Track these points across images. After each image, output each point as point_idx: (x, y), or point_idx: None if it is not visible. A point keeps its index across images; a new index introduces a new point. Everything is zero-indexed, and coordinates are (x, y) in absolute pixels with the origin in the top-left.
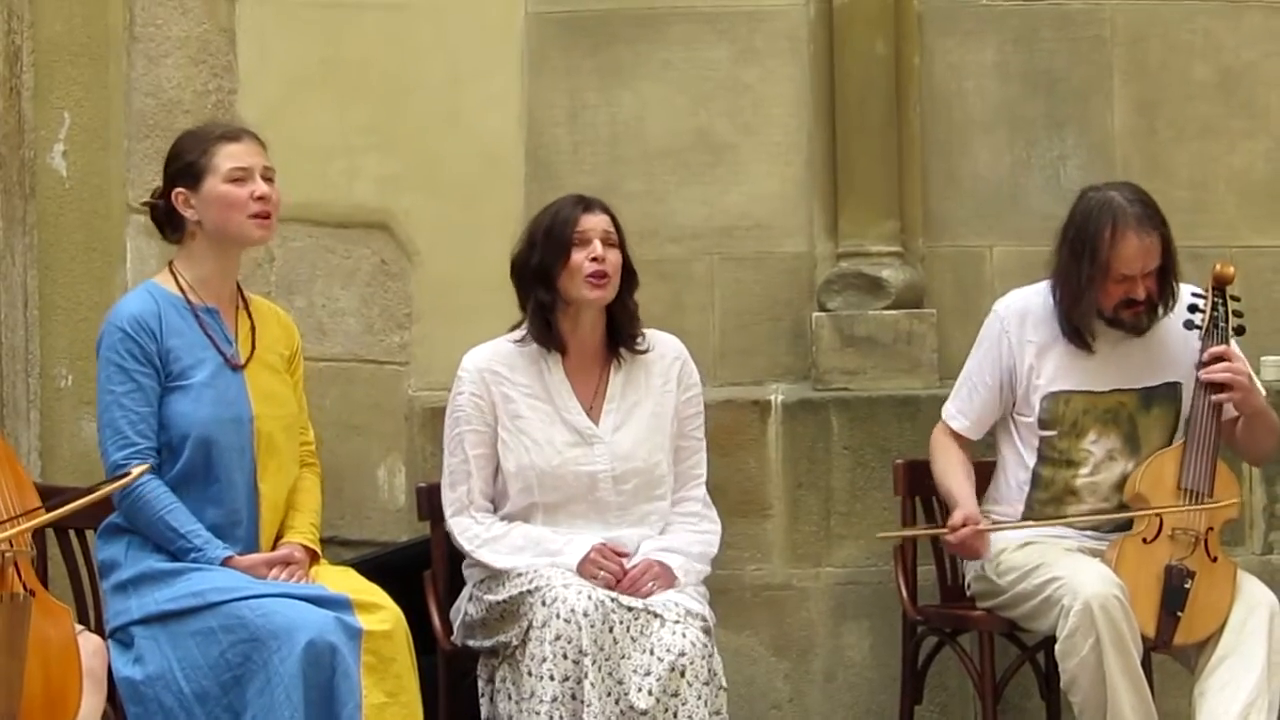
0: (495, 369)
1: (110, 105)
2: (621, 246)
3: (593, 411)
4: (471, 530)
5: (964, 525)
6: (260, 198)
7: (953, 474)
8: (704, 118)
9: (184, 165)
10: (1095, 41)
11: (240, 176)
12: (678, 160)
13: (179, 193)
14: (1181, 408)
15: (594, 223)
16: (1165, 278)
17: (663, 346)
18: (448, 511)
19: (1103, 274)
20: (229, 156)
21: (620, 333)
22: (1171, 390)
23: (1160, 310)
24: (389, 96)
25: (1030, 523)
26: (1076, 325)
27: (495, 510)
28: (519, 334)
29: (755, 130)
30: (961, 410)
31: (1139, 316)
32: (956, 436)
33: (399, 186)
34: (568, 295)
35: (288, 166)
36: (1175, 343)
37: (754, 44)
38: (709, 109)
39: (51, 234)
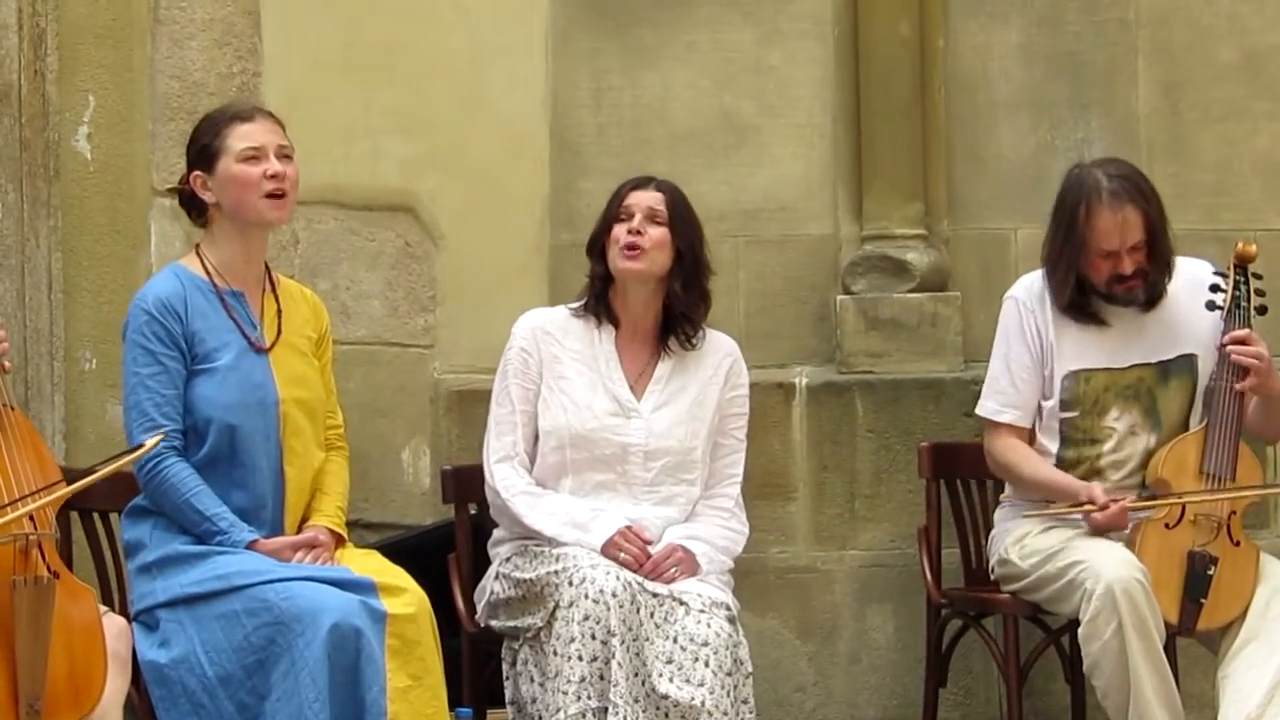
0: (548, 329)
1: (135, 88)
2: (679, 228)
3: (636, 388)
4: (511, 479)
5: (1109, 502)
6: (273, 176)
7: (1045, 466)
8: (728, 100)
9: (199, 148)
10: (1120, 24)
11: (253, 155)
12: (702, 143)
13: (196, 176)
14: (1198, 379)
15: (640, 198)
16: (1154, 251)
17: (717, 342)
18: (491, 458)
19: (1083, 250)
20: (241, 136)
21: (674, 320)
22: (1188, 362)
23: (1160, 282)
24: (413, 79)
25: (1155, 502)
26: (1068, 301)
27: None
28: (578, 303)
29: (780, 113)
30: (1010, 403)
31: (1133, 291)
32: (1014, 431)
33: (423, 169)
34: (610, 267)
35: (312, 149)
36: (1187, 315)
37: (779, 26)
38: (734, 91)
39: (76, 217)
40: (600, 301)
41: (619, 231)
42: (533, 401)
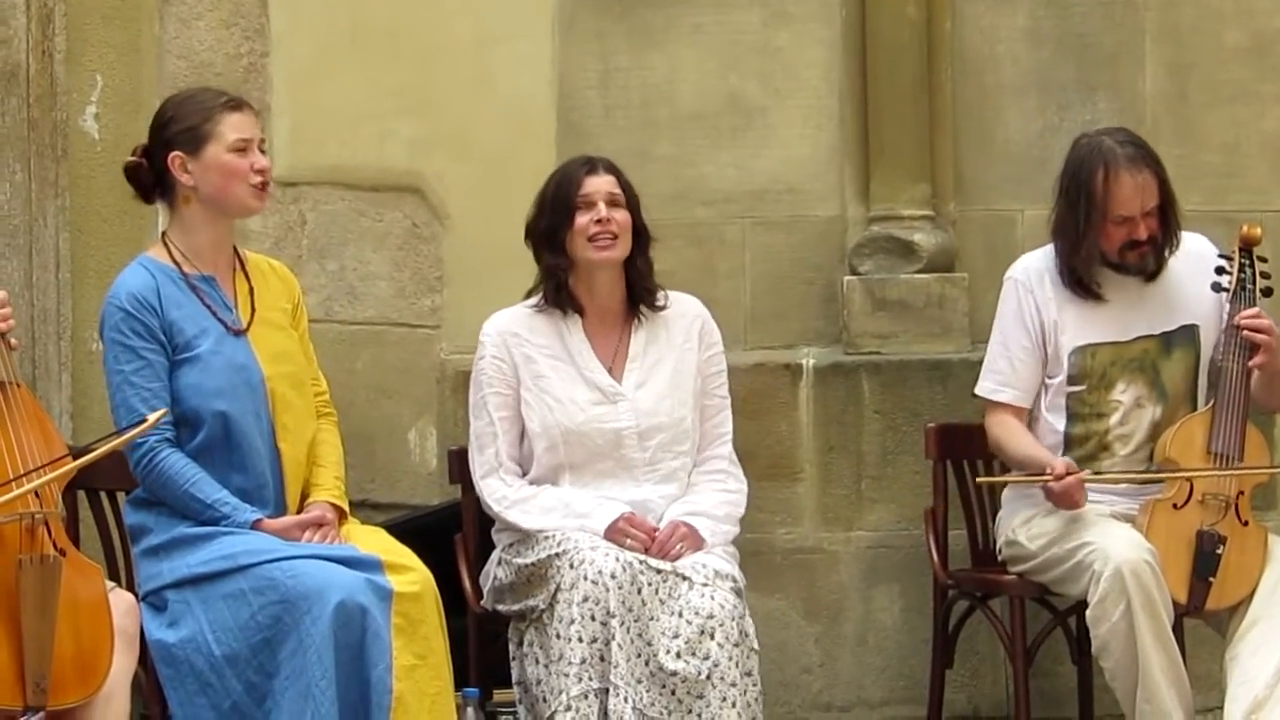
0: (515, 331)
1: (142, 68)
2: (631, 205)
3: (614, 370)
4: (500, 491)
5: (1067, 473)
6: (260, 170)
7: (1029, 442)
8: (735, 81)
9: (185, 129)
10: (1127, 6)
11: (243, 147)
12: (709, 124)
13: (176, 156)
14: (1200, 349)
15: (597, 184)
16: (1165, 216)
17: (682, 305)
18: (477, 474)
19: (1100, 217)
20: (234, 126)
21: (637, 291)
22: (1189, 332)
23: (1166, 251)
24: (420, 59)
25: (1131, 472)
26: (1079, 275)
27: (523, 475)
28: (536, 299)
29: (786, 94)
30: (1006, 382)
31: (1145, 258)
32: (1010, 410)
33: (430, 150)
34: (576, 258)
35: (319, 130)
36: (1187, 285)
37: (785, 7)
38: (740, 72)
39: (83, 197)
40: (561, 292)
41: (584, 221)
42: (513, 407)
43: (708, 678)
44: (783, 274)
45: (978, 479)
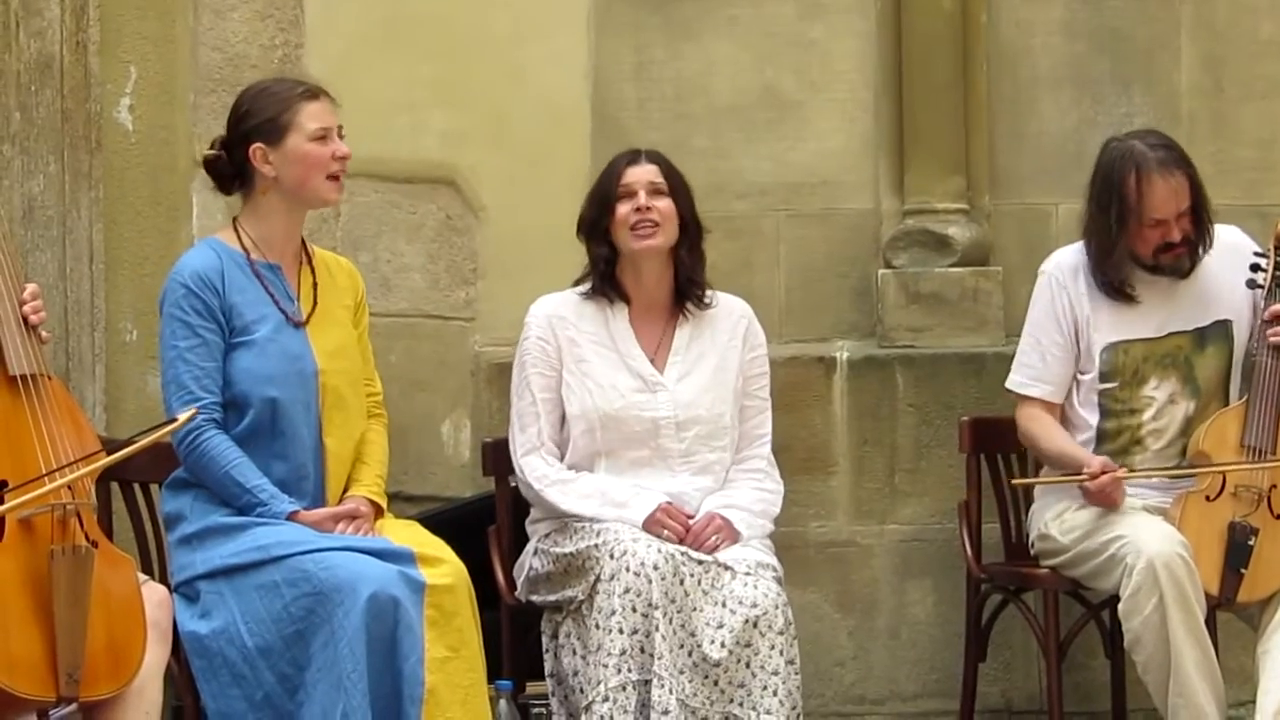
0: (562, 314)
1: (177, 59)
2: (678, 196)
3: (656, 362)
4: (540, 470)
5: (1103, 473)
6: (341, 158)
7: (1063, 438)
8: (770, 74)
9: (265, 120)
10: (1162, 0)
11: (323, 135)
12: (744, 117)
13: (258, 148)
14: (1234, 345)
15: (639, 174)
16: (1198, 216)
17: (730, 305)
18: (519, 453)
19: (1135, 221)
20: (313, 115)
21: (684, 284)
22: (1223, 328)
23: (1200, 250)
24: (455, 51)
25: (1165, 469)
26: (1110, 278)
27: (561, 459)
28: (585, 286)
29: (821, 87)
30: (1039, 377)
31: (1179, 259)
32: (1041, 404)
33: (465, 142)
34: (621, 248)
35: (354, 122)
36: (1220, 280)
37: None
38: (775, 65)
39: (117, 188)
40: (607, 282)
41: (624, 211)
42: (555, 389)
43: (748, 665)
44: (817, 267)
45: (1014, 480)
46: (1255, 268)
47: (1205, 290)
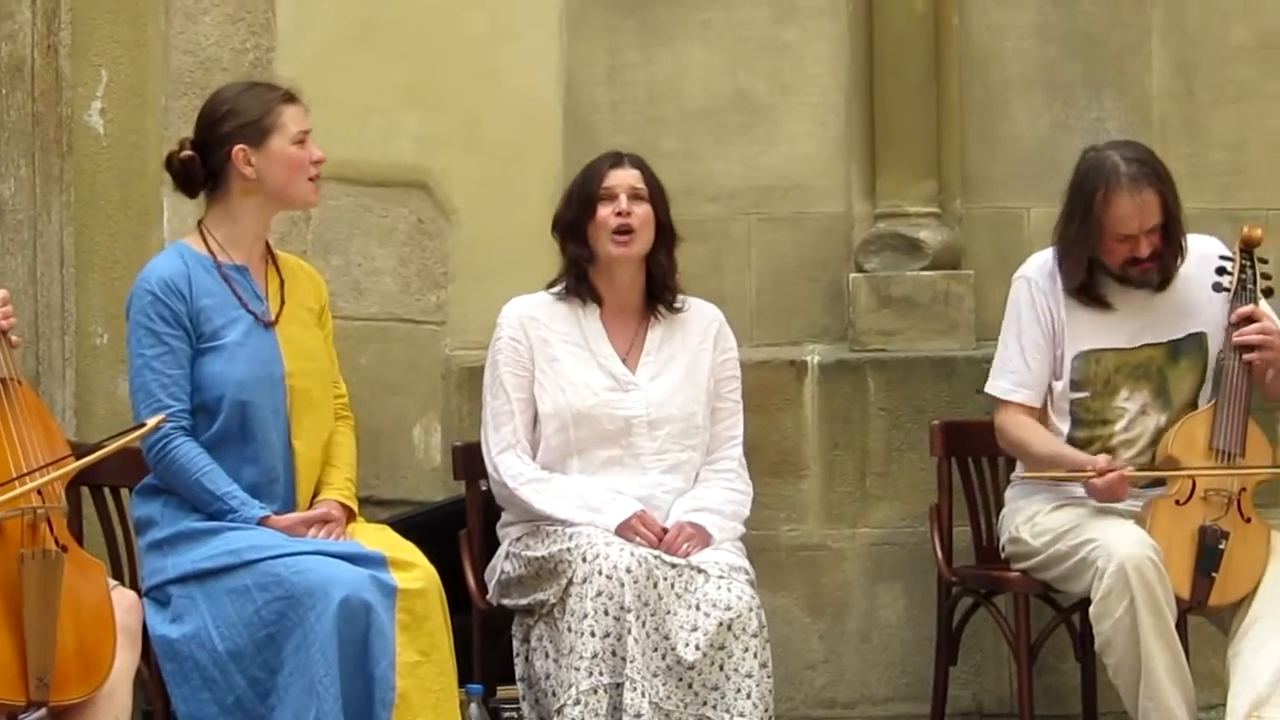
0: (533, 314)
1: (148, 63)
2: (655, 201)
3: (628, 362)
4: (516, 468)
5: (1108, 469)
6: (316, 161)
7: (1056, 441)
8: (742, 77)
9: (248, 122)
10: (1134, 3)
11: (303, 139)
12: (716, 120)
13: (240, 150)
14: (1208, 358)
15: (620, 178)
16: (1169, 233)
17: (700, 309)
18: (493, 451)
19: (1097, 233)
20: (294, 119)
21: (657, 288)
22: (1197, 340)
23: (1174, 263)
24: (427, 54)
25: (1162, 470)
26: (1074, 285)
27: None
28: (558, 288)
29: (793, 90)
30: (1022, 382)
31: (1147, 274)
32: (1024, 409)
33: (437, 145)
34: (597, 250)
35: (325, 125)
36: (1196, 293)
37: (793, 3)
38: (747, 68)
39: (88, 192)
40: (582, 282)
41: (605, 214)
42: (527, 389)
43: (722, 668)
44: (789, 270)
45: (1022, 475)
46: (1221, 270)
47: (1182, 302)
